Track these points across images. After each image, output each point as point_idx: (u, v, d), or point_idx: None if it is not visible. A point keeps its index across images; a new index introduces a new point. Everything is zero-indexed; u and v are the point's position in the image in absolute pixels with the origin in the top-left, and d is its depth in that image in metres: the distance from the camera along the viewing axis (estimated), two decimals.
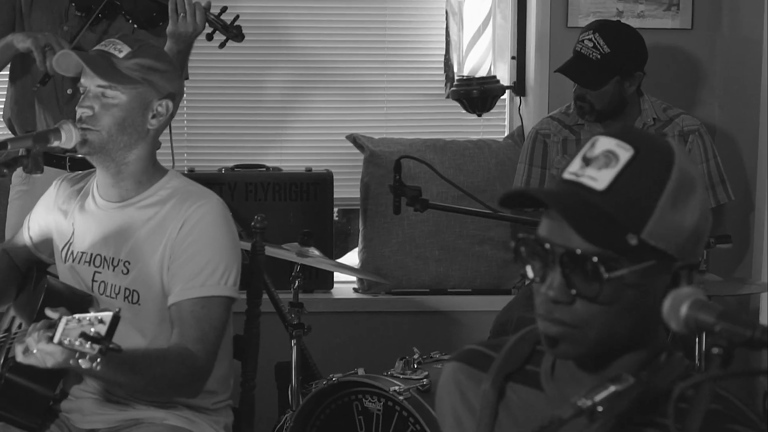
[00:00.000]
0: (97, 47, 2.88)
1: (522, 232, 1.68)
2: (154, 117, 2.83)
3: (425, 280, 4.81)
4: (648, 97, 4.33)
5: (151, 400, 2.81)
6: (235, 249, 2.82)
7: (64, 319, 2.29)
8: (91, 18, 3.72)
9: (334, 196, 4.78)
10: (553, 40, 4.79)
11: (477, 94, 4.79)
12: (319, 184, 4.76)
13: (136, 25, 3.76)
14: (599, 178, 1.62)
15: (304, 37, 4.97)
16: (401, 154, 4.30)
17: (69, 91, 3.73)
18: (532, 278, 1.66)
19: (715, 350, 1.45)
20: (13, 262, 3.03)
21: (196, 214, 2.78)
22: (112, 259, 2.83)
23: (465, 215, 4.58)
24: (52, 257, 2.99)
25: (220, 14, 3.75)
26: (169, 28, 3.60)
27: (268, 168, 4.81)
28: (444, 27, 4.93)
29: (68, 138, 2.80)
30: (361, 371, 3.57)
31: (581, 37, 4.23)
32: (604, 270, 1.59)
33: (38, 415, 2.79)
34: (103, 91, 2.78)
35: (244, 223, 3.57)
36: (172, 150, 3.65)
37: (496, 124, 5.08)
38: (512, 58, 4.96)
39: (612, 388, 1.57)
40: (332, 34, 4.99)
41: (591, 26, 4.27)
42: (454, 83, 4.86)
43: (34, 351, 2.35)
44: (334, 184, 4.78)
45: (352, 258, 5.15)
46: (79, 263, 2.87)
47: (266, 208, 4.57)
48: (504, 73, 4.96)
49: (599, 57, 4.16)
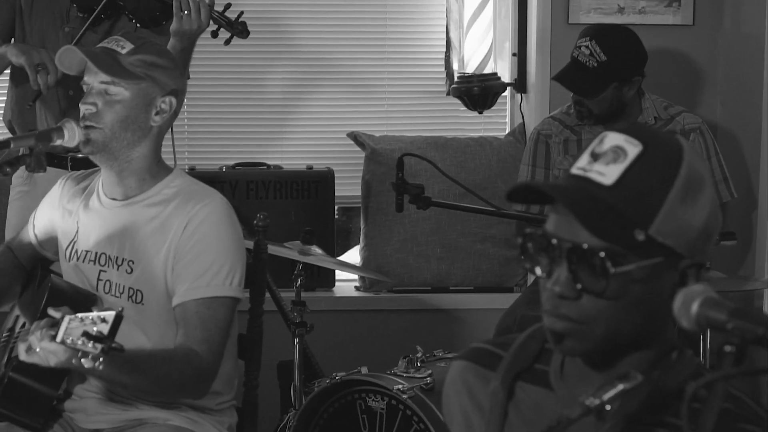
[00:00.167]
0: (101, 44, 2.87)
1: (528, 229, 1.67)
2: (158, 114, 2.82)
3: (427, 278, 4.80)
4: (649, 96, 4.31)
5: (156, 401, 2.80)
6: (240, 249, 2.81)
7: (66, 318, 2.28)
8: (93, 18, 3.71)
9: (335, 194, 4.77)
10: (554, 36, 4.77)
11: (478, 91, 4.78)
12: (320, 182, 4.75)
13: (139, 25, 3.74)
14: (607, 173, 1.61)
15: (305, 34, 4.96)
16: (402, 151, 4.30)
17: (70, 92, 3.72)
18: (539, 274, 1.65)
19: (727, 348, 1.44)
20: (17, 260, 3.02)
21: (200, 214, 2.76)
22: (117, 257, 2.81)
23: (466, 213, 4.58)
24: (57, 255, 2.98)
25: (224, 11, 3.74)
26: (174, 26, 3.59)
27: (269, 166, 4.80)
28: (444, 24, 4.92)
29: (71, 136, 2.79)
30: (365, 370, 3.56)
31: (578, 43, 4.18)
32: (611, 265, 1.58)
33: (41, 415, 2.78)
34: (107, 87, 2.77)
35: (245, 221, 3.55)
36: (173, 148, 3.65)
37: (497, 122, 5.07)
38: (513, 54, 4.94)
39: (620, 386, 1.56)
40: (333, 31, 4.98)
41: (588, 32, 4.21)
42: (455, 80, 4.85)
43: (37, 349, 2.34)
44: (335, 182, 4.77)
45: (352, 256, 5.14)
46: (84, 262, 2.86)
47: (267, 206, 4.56)
48: (505, 70, 4.95)
49: (596, 65, 4.11)
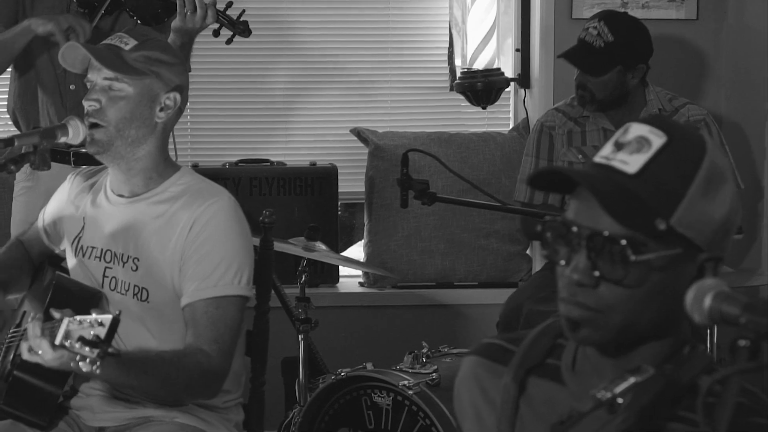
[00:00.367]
0: (104, 41, 2.86)
1: (535, 221, 1.67)
2: (162, 110, 2.80)
3: (431, 274, 4.80)
4: (653, 88, 4.32)
5: (166, 403, 2.78)
6: (248, 247, 2.79)
7: (65, 321, 2.26)
8: (95, 15, 3.69)
9: (338, 190, 4.76)
10: (558, 31, 4.77)
11: (481, 87, 4.77)
12: (323, 179, 4.74)
13: (140, 22, 3.73)
14: (631, 162, 1.61)
15: (308, 31, 4.95)
16: (405, 147, 4.29)
17: (72, 87, 3.71)
18: (560, 263, 1.64)
19: (742, 342, 1.43)
20: (26, 253, 3.01)
21: (207, 213, 2.74)
22: (122, 255, 2.80)
23: (470, 208, 4.58)
24: (65, 250, 2.97)
25: (226, 9, 3.72)
26: (177, 23, 3.58)
27: (273, 162, 4.79)
28: (447, 19, 4.92)
29: (75, 134, 2.78)
30: (370, 366, 3.55)
31: (586, 26, 4.23)
32: (631, 253, 1.57)
33: (47, 413, 2.77)
34: (110, 83, 2.75)
35: (248, 218, 3.55)
36: (175, 145, 3.63)
37: (501, 117, 5.07)
38: (516, 50, 4.94)
39: (632, 380, 1.56)
40: (336, 27, 4.98)
41: (597, 15, 4.27)
42: (458, 76, 4.84)
43: (39, 351, 2.34)
44: (339, 178, 4.76)
45: (355, 252, 5.14)
46: (90, 258, 2.85)
47: (270, 202, 4.56)
48: (508, 66, 4.94)
49: (602, 45, 4.15)
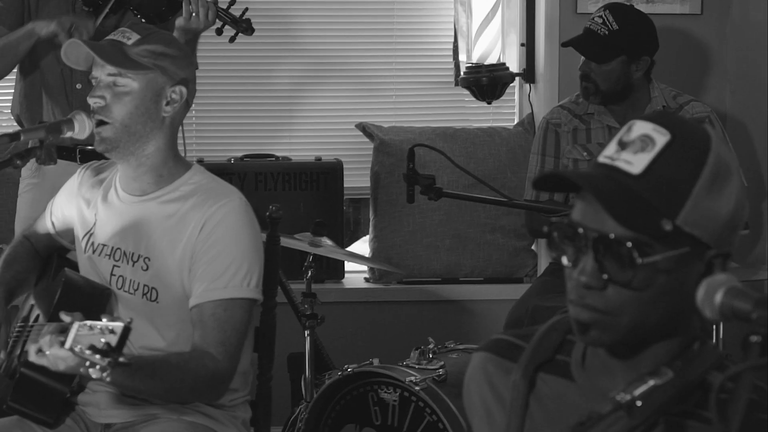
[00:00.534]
0: (107, 37, 2.84)
1: (554, 217, 1.66)
2: (169, 104, 2.78)
3: (437, 269, 4.80)
4: (657, 84, 4.31)
5: (172, 404, 2.77)
6: (258, 249, 2.77)
7: (76, 325, 2.25)
8: (99, 13, 3.69)
9: (344, 186, 4.76)
10: (563, 26, 4.76)
11: (486, 82, 4.77)
12: (328, 174, 4.74)
13: (144, 20, 3.73)
14: (635, 162, 1.60)
15: (313, 25, 4.95)
16: (411, 142, 4.28)
17: (78, 86, 3.71)
18: (566, 264, 1.63)
19: (753, 338, 1.42)
20: (34, 248, 3.00)
21: (218, 214, 2.73)
22: (132, 254, 2.79)
23: (475, 204, 4.57)
24: (74, 244, 2.96)
25: (229, 7, 3.72)
26: (181, 23, 3.59)
27: (278, 158, 4.79)
28: (452, 14, 4.91)
29: (81, 128, 2.77)
30: (376, 362, 3.55)
31: (592, 15, 4.26)
32: (638, 255, 1.57)
33: (54, 410, 2.77)
34: (114, 79, 2.74)
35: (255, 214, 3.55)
36: (183, 141, 3.62)
37: (506, 112, 5.06)
38: (521, 45, 4.93)
39: (651, 382, 1.55)
40: (341, 22, 4.98)
41: (605, 5, 4.29)
42: (464, 71, 4.84)
43: (47, 353, 2.33)
44: (344, 173, 4.76)
45: (360, 247, 5.14)
46: (99, 255, 2.84)
47: (276, 198, 4.55)
48: (513, 60, 4.94)
49: (607, 33, 4.17)
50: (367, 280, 4.86)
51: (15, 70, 3.87)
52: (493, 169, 4.75)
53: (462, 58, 4.90)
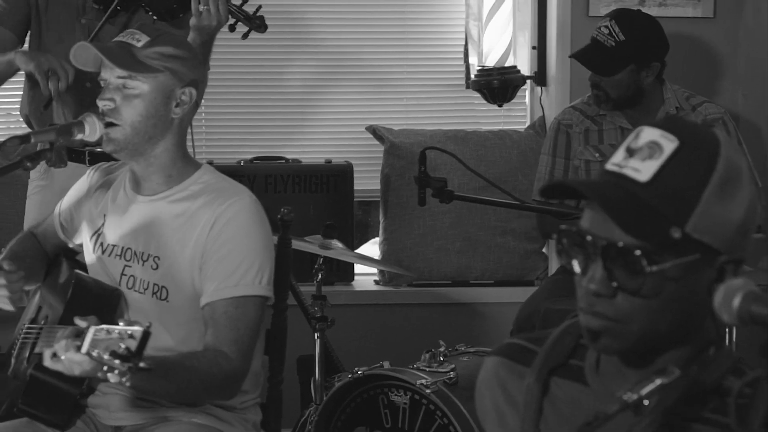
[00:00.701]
0: (116, 38, 2.84)
1: (564, 225, 1.65)
2: (178, 105, 2.78)
3: (447, 272, 4.79)
4: (670, 86, 4.30)
5: (185, 404, 2.77)
6: (269, 247, 2.77)
7: (92, 329, 2.23)
8: (110, 10, 3.68)
9: (354, 188, 4.75)
10: (574, 29, 4.75)
11: (497, 85, 4.76)
12: (338, 176, 4.73)
13: (156, 17, 3.71)
14: (643, 170, 1.59)
15: (324, 28, 4.95)
16: (421, 145, 4.27)
17: (87, 85, 3.70)
18: (576, 271, 1.62)
19: None
20: (39, 245, 3.00)
21: (228, 212, 2.72)
22: (142, 253, 2.78)
23: (486, 206, 4.56)
24: (81, 246, 2.96)
25: (242, 5, 3.71)
26: (193, 21, 3.57)
27: (288, 160, 4.78)
28: (463, 17, 4.90)
29: (92, 131, 2.75)
30: (387, 364, 3.54)
31: (599, 24, 4.22)
32: (647, 263, 1.56)
33: (65, 412, 2.76)
34: (124, 82, 2.73)
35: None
36: (192, 142, 3.62)
37: (517, 115, 5.05)
38: (533, 47, 4.92)
39: (658, 381, 1.55)
40: (352, 25, 4.97)
41: (609, 14, 4.25)
42: (475, 73, 4.83)
43: (62, 358, 2.31)
44: (354, 175, 4.75)
45: (369, 249, 5.13)
46: (109, 255, 2.84)
47: (286, 200, 4.55)
48: (524, 63, 4.92)
49: (613, 44, 4.14)
50: (377, 282, 4.85)
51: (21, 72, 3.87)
52: (504, 171, 4.74)
53: (473, 60, 4.89)
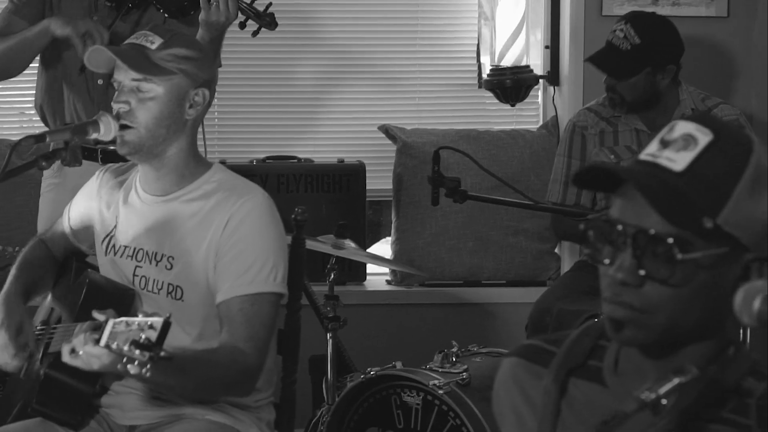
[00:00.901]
0: (129, 40, 2.83)
1: (571, 225, 1.64)
2: (192, 107, 2.79)
3: (459, 272, 4.78)
4: (686, 87, 4.28)
5: (201, 401, 2.76)
6: (283, 244, 2.77)
7: (111, 322, 2.23)
8: (122, 9, 3.68)
9: (366, 187, 4.74)
10: (588, 29, 4.74)
11: (510, 84, 4.75)
12: (351, 176, 4.72)
13: (167, 15, 3.71)
14: (677, 160, 1.59)
15: (336, 26, 4.94)
16: (434, 144, 4.26)
17: (100, 81, 3.70)
18: (605, 262, 1.61)
19: None
20: (50, 251, 3.00)
21: (242, 210, 2.73)
22: (155, 253, 2.78)
23: (498, 206, 4.55)
24: (91, 248, 2.96)
25: (252, 2, 3.71)
26: (202, 16, 3.57)
27: (300, 159, 4.78)
28: (476, 15, 4.89)
29: (107, 130, 2.75)
30: (399, 365, 3.54)
31: (614, 27, 4.19)
32: (678, 251, 1.55)
33: (78, 411, 2.76)
34: (138, 84, 2.73)
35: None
36: (204, 142, 3.61)
37: (530, 114, 5.05)
38: (546, 47, 4.91)
39: (676, 381, 1.54)
40: (364, 23, 4.97)
41: (625, 17, 4.22)
42: (487, 73, 4.82)
43: (80, 353, 2.30)
44: (366, 175, 4.74)
45: (380, 249, 5.12)
46: (121, 257, 2.84)
47: (298, 199, 4.54)
48: (537, 63, 4.91)
49: (629, 48, 4.11)
50: (389, 282, 4.84)
51: (36, 63, 3.86)
52: (516, 171, 4.73)
53: (485, 60, 4.88)
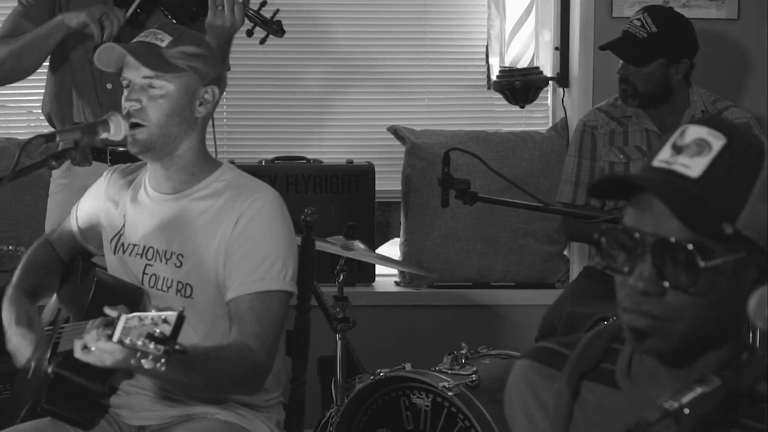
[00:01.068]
0: (138, 38, 2.83)
1: (581, 226, 1.63)
2: (201, 104, 2.79)
3: (468, 274, 4.77)
4: (697, 89, 4.28)
5: (211, 399, 2.76)
6: (292, 243, 2.77)
7: (123, 318, 2.23)
8: (129, 13, 3.68)
9: (375, 189, 4.74)
10: (598, 30, 4.74)
11: (520, 85, 4.75)
12: (360, 177, 4.72)
13: (175, 21, 3.70)
14: (693, 166, 1.58)
15: (345, 27, 4.94)
16: (443, 146, 4.26)
17: (109, 86, 3.69)
18: (623, 271, 1.60)
19: None
20: (54, 253, 3.00)
21: (252, 208, 2.73)
22: (165, 251, 2.78)
23: (507, 208, 4.54)
24: (99, 248, 2.96)
25: (260, 9, 3.70)
26: (208, 19, 3.55)
27: (309, 160, 4.78)
28: (485, 17, 4.89)
29: (117, 130, 2.75)
30: (409, 366, 3.53)
31: (631, 18, 4.23)
32: (700, 258, 1.54)
33: (88, 411, 2.76)
34: (150, 81, 2.73)
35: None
36: (215, 142, 3.60)
37: (539, 116, 5.04)
38: (555, 48, 4.91)
39: (699, 390, 1.53)
40: (373, 24, 4.96)
41: (643, 8, 4.26)
42: (497, 74, 4.81)
43: (93, 349, 2.30)
44: (375, 176, 4.73)
45: (388, 249, 5.11)
46: (130, 255, 2.84)
47: (307, 200, 4.54)
48: (547, 64, 4.91)
49: (645, 36, 4.14)
50: (397, 283, 4.84)
51: (45, 69, 3.86)
52: (525, 173, 4.72)
53: (494, 61, 4.88)
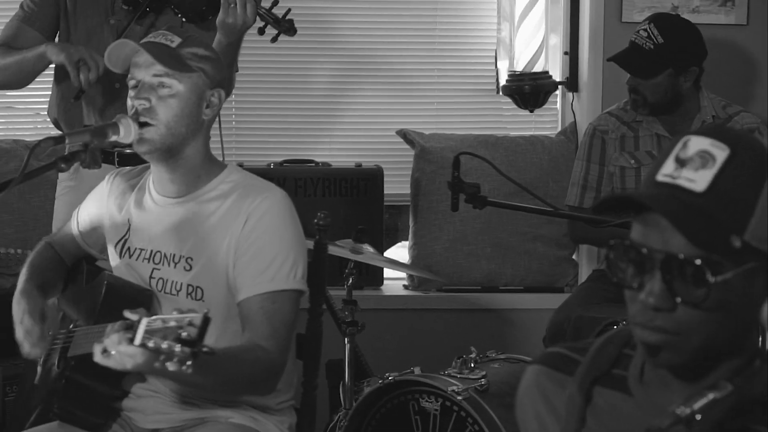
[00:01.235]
0: (146, 39, 2.82)
1: (614, 240, 1.62)
2: (208, 107, 2.79)
3: (477, 278, 4.77)
4: (707, 94, 4.27)
5: (226, 400, 2.77)
6: (301, 242, 2.77)
7: (144, 321, 2.20)
8: (139, 11, 3.68)
9: (384, 192, 4.73)
10: (607, 35, 4.74)
11: (529, 90, 4.75)
12: (369, 180, 4.72)
13: (185, 19, 3.70)
14: (697, 180, 1.57)
15: (354, 30, 4.94)
16: (452, 149, 4.25)
17: (117, 86, 3.69)
18: (633, 286, 1.60)
19: None
20: (57, 254, 2.99)
21: (260, 209, 2.73)
22: (173, 255, 2.78)
23: (516, 212, 4.53)
24: (102, 252, 2.96)
25: (272, 8, 3.70)
26: (220, 17, 3.53)
27: (318, 163, 4.78)
28: (495, 21, 4.88)
29: (126, 132, 2.74)
30: (417, 370, 3.53)
31: (637, 28, 4.21)
32: (710, 273, 1.53)
33: (101, 414, 2.77)
34: (161, 80, 2.72)
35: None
36: (222, 145, 3.61)
37: (548, 120, 5.04)
38: (565, 53, 4.91)
39: (710, 396, 1.53)
40: (382, 27, 4.96)
41: (648, 18, 4.24)
42: (506, 78, 4.81)
43: (113, 353, 2.28)
44: (384, 179, 4.73)
45: (396, 252, 5.11)
46: (137, 260, 2.83)
47: (315, 203, 4.54)
48: (556, 69, 4.91)
49: (652, 47, 4.12)
50: (406, 287, 4.84)
51: (51, 71, 3.86)
52: (534, 177, 4.72)
53: (503, 65, 4.87)
